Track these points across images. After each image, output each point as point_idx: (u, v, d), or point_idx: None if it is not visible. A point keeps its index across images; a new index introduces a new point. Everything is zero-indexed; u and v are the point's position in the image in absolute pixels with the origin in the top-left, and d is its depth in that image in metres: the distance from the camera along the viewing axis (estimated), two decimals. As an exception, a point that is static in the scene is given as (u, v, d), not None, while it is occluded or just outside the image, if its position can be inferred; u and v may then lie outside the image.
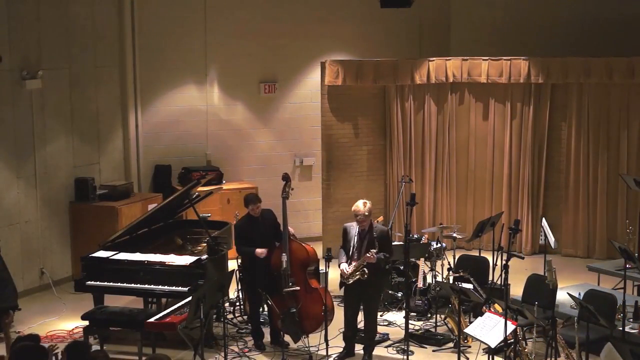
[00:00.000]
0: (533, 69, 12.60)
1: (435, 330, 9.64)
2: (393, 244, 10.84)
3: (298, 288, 8.99)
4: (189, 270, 9.06)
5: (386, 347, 9.35)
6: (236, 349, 9.24)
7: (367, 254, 8.52)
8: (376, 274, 8.69)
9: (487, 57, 12.82)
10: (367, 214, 8.65)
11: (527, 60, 12.62)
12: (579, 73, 12.45)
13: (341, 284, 8.90)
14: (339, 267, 8.82)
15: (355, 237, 8.75)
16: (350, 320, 8.94)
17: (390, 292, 10.49)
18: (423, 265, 10.26)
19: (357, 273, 8.59)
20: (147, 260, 9.27)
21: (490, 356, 8.21)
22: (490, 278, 10.06)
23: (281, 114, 13.53)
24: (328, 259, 8.75)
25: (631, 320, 8.87)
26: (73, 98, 11.76)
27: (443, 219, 12.99)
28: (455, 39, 14.29)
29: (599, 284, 10.50)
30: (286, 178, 9.41)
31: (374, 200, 12.93)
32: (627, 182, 11.73)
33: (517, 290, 9.67)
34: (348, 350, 9.04)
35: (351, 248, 8.78)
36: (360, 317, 9.01)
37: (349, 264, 8.73)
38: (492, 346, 7.81)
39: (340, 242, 9.02)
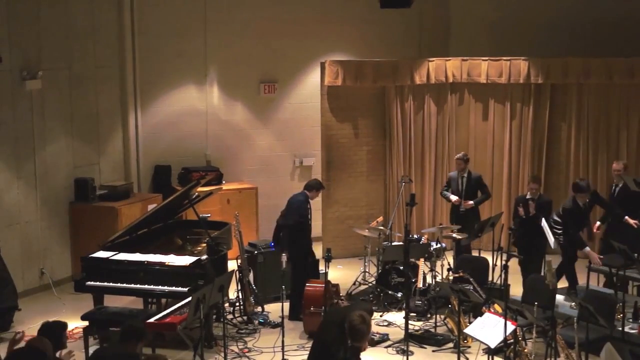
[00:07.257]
0: (533, 69, 12.60)
1: (435, 330, 9.63)
2: (393, 244, 10.93)
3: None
4: (189, 271, 9.06)
5: (386, 347, 9.34)
6: (236, 349, 9.24)
7: None
8: None
9: (487, 57, 12.82)
10: None
11: (527, 60, 12.62)
12: (579, 73, 12.45)
13: None
14: None
15: None
16: None
17: (390, 292, 10.50)
18: (423, 266, 10.26)
19: None
20: (147, 261, 9.27)
21: (490, 356, 8.21)
22: (490, 278, 10.06)
23: (281, 114, 13.53)
24: (328, 259, 8.73)
25: (631, 320, 8.87)
26: (73, 98, 11.75)
27: (443, 220, 12.98)
28: (455, 39, 14.28)
29: (598, 284, 10.50)
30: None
31: (374, 200, 13.02)
32: (627, 182, 11.71)
33: (517, 290, 9.67)
34: None
35: None
36: None
37: None
38: (492, 346, 7.81)
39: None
